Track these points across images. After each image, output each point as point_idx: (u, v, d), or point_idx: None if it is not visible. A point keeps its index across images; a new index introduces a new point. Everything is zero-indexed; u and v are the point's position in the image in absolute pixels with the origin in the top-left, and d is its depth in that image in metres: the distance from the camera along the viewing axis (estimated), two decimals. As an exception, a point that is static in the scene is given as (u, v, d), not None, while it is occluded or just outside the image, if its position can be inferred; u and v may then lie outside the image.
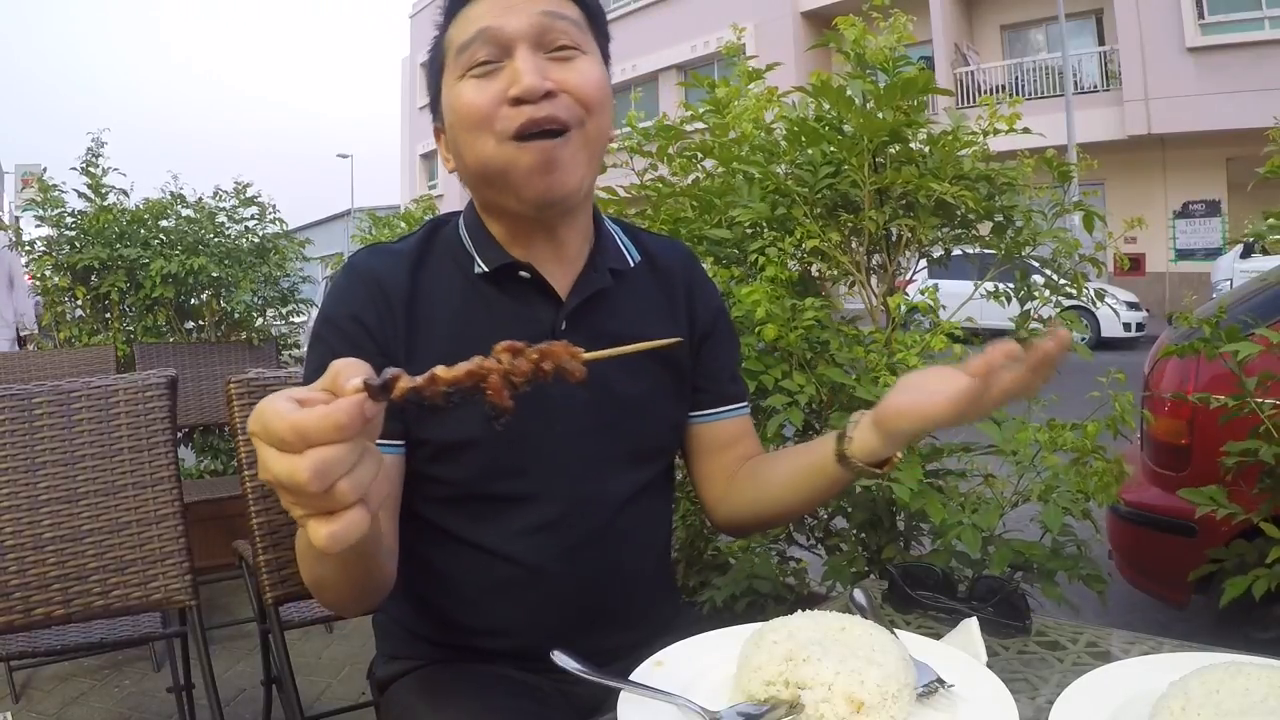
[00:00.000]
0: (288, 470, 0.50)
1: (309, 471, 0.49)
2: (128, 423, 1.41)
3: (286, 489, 0.51)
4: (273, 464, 0.51)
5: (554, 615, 0.98)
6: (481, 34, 0.88)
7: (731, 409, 1.10)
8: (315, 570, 0.82)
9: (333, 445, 0.50)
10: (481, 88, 0.89)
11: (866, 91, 1.80)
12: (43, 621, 1.33)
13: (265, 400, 0.52)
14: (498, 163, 0.89)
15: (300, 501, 0.52)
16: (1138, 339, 11.32)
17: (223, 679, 1.76)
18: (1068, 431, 1.64)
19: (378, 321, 0.92)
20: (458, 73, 0.91)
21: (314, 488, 0.50)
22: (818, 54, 12.37)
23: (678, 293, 1.08)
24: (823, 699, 0.65)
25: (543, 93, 0.87)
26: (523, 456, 0.95)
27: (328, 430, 0.50)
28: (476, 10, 0.91)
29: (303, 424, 0.49)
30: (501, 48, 0.88)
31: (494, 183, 0.92)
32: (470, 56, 0.89)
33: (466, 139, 0.91)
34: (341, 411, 0.50)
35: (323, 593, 0.86)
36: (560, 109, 0.88)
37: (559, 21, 0.90)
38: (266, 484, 0.53)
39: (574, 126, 0.90)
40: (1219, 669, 0.64)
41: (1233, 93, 13.26)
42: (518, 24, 0.88)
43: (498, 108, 0.88)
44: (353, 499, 0.52)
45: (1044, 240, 1.84)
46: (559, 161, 0.89)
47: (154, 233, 3.97)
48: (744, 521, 1.11)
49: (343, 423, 0.50)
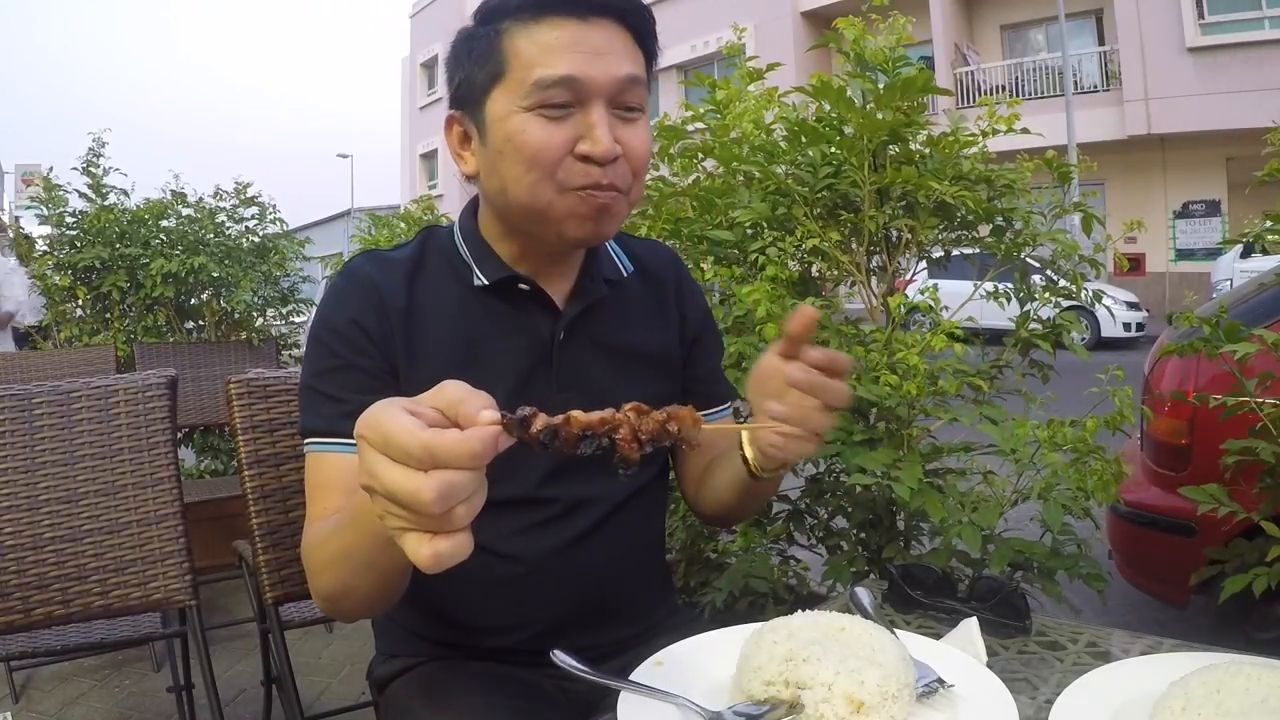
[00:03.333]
0: (411, 488, 0.50)
1: (434, 493, 0.50)
2: (128, 423, 1.41)
3: (402, 503, 0.51)
4: (389, 477, 0.51)
5: (552, 612, 0.99)
6: (566, 82, 0.86)
7: (718, 410, 1.12)
8: (348, 580, 0.79)
9: (460, 471, 0.51)
10: (551, 131, 0.87)
11: (866, 92, 1.80)
12: (43, 621, 1.33)
13: (382, 408, 0.53)
14: (553, 209, 0.89)
15: (409, 517, 0.52)
16: (1138, 339, 11.32)
17: (223, 679, 1.76)
18: (1067, 429, 1.65)
19: (377, 326, 0.92)
20: (524, 102, 0.87)
21: (436, 509, 0.51)
22: (818, 54, 12.37)
23: (668, 298, 1.09)
24: (823, 699, 0.65)
25: (613, 158, 0.87)
26: (521, 461, 0.95)
27: (461, 457, 0.51)
28: (555, 38, 0.87)
29: (436, 446, 0.50)
30: (579, 97, 0.87)
31: (535, 219, 0.91)
32: (546, 96, 0.86)
33: (517, 172, 0.88)
34: (477, 440, 0.51)
35: (342, 602, 0.83)
36: (619, 177, 0.89)
37: (636, 86, 0.90)
38: (368, 489, 0.54)
39: (623, 191, 0.91)
40: (1219, 669, 0.64)
41: (1233, 93, 13.26)
42: (603, 81, 0.87)
43: (564, 156, 0.87)
44: (465, 524, 0.53)
45: (1043, 241, 1.84)
46: (609, 213, 0.90)
47: (154, 232, 3.98)
48: (715, 517, 1.14)
49: (477, 451, 0.51)
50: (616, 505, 1.00)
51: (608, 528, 1.00)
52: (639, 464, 0.59)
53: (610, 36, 0.88)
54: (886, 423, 1.77)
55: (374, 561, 0.74)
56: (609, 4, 0.88)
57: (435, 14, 26.57)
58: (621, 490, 1.00)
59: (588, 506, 0.98)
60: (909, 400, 1.66)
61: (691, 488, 1.11)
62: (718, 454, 1.10)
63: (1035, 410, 1.79)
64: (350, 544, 0.74)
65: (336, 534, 0.77)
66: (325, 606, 0.87)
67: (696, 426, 0.62)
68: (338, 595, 0.83)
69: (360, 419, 0.54)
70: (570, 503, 0.97)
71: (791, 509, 1.97)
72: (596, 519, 0.99)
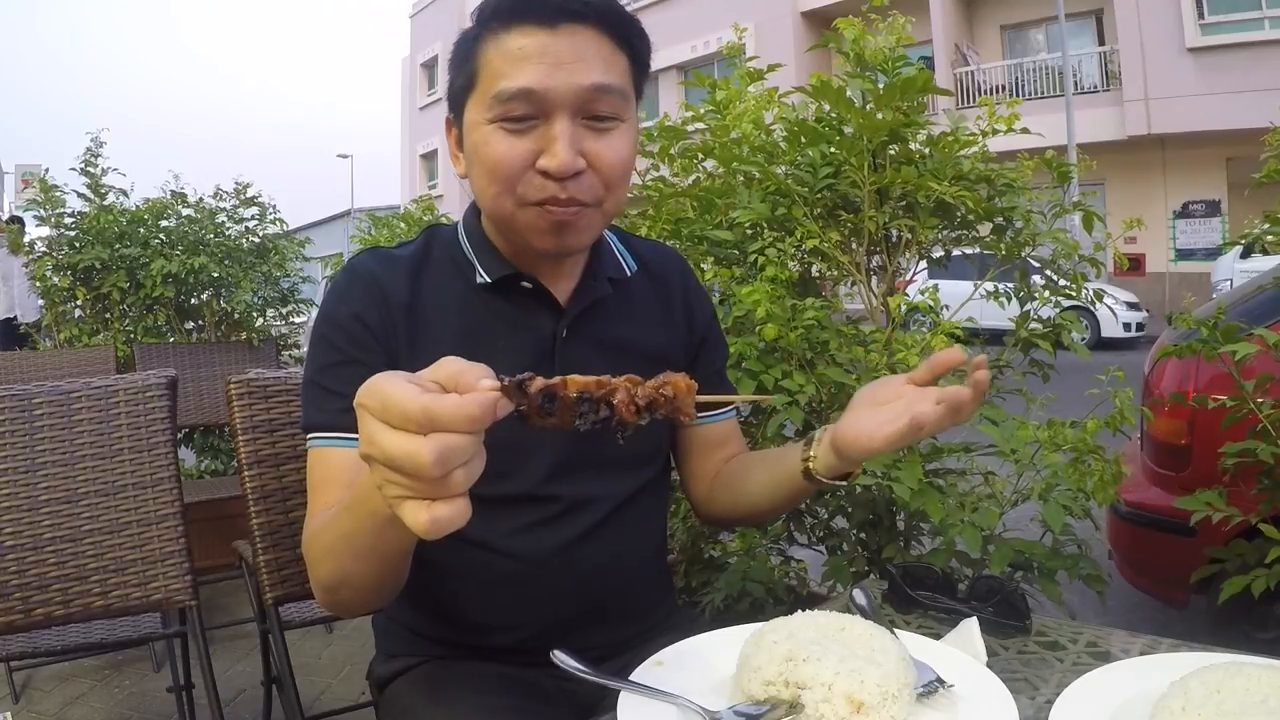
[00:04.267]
0: (409, 450, 0.51)
1: (433, 455, 0.50)
2: (128, 423, 1.41)
3: (399, 468, 0.52)
4: (388, 441, 0.52)
5: (553, 611, 0.99)
6: (524, 94, 0.85)
7: (721, 413, 1.11)
8: (347, 567, 0.79)
9: (458, 435, 0.51)
10: (512, 144, 0.86)
11: (866, 92, 1.80)
12: (43, 622, 1.33)
13: (381, 378, 0.53)
14: (514, 222, 0.90)
15: (407, 483, 0.53)
16: (1138, 339, 11.32)
17: (223, 679, 1.76)
18: (1067, 429, 1.65)
19: (380, 322, 0.93)
20: (488, 114, 0.87)
21: (435, 472, 0.51)
22: (818, 54, 12.37)
23: (674, 300, 1.09)
24: (823, 699, 0.65)
25: (572, 173, 0.86)
26: (521, 461, 0.95)
27: (459, 420, 0.51)
28: (520, 46, 0.86)
29: (435, 409, 0.51)
30: (541, 109, 0.86)
31: (503, 228, 0.94)
32: (507, 109, 0.86)
33: (482, 183, 0.90)
34: (475, 404, 0.51)
35: (341, 591, 0.83)
36: (583, 190, 0.88)
37: (605, 95, 0.87)
38: (367, 458, 0.54)
39: (591, 205, 0.90)
40: (1219, 669, 0.64)
41: (1233, 93, 13.25)
42: (563, 92, 0.85)
43: (524, 170, 0.87)
44: (463, 489, 0.53)
45: (1044, 241, 1.84)
46: (572, 227, 0.90)
47: (154, 232, 3.97)
48: (725, 519, 1.14)
49: (475, 415, 0.51)
50: (618, 505, 1.00)
51: (609, 527, 1.00)
52: (640, 425, 0.60)
53: (580, 45, 0.86)
54: (886, 423, 1.76)
55: (373, 546, 0.74)
56: (577, 10, 0.86)
57: (435, 14, 26.58)
58: (623, 490, 1.01)
59: (589, 505, 0.98)
60: (909, 400, 1.66)
61: (702, 487, 1.11)
62: (743, 455, 1.11)
63: (1035, 410, 1.79)
64: (350, 528, 0.74)
65: (337, 519, 0.77)
66: (325, 599, 0.86)
67: (690, 394, 0.62)
68: (336, 584, 0.82)
69: (360, 389, 0.54)
70: (572, 501, 0.97)
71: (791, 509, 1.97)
72: (598, 518, 0.99)
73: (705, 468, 1.11)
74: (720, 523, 1.18)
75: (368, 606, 0.88)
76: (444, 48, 0.99)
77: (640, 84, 0.96)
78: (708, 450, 1.11)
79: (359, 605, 0.87)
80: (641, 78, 0.95)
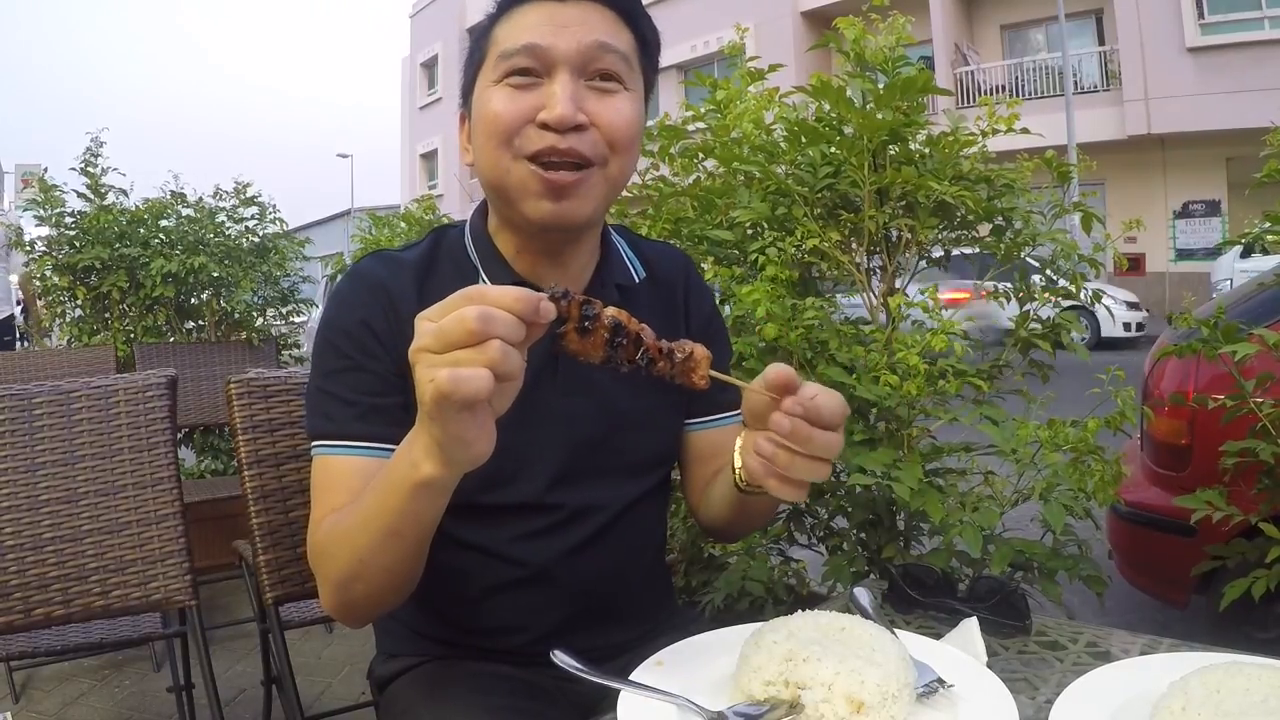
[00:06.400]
0: (457, 315, 0.58)
1: (476, 312, 0.57)
2: (128, 423, 1.41)
3: (445, 334, 0.58)
4: (442, 319, 0.59)
5: (555, 615, 0.99)
6: (527, 49, 0.86)
7: (724, 416, 1.09)
8: (364, 556, 0.77)
9: (501, 312, 0.58)
10: (513, 99, 0.87)
11: (866, 92, 1.80)
12: (43, 621, 1.33)
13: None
14: (509, 179, 0.89)
15: (444, 350, 0.58)
16: (1138, 339, 11.32)
17: (223, 679, 1.76)
18: (1068, 429, 1.64)
19: (386, 328, 0.92)
20: (494, 76, 0.89)
21: (474, 325, 0.57)
22: (818, 54, 12.37)
23: (677, 302, 1.09)
24: (823, 699, 0.65)
25: (573, 125, 0.86)
26: (525, 468, 0.95)
27: (506, 300, 0.59)
28: (529, 18, 0.88)
29: (485, 289, 0.59)
30: (544, 65, 0.87)
31: (501, 196, 0.92)
32: (510, 65, 0.87)
33: (485, 146, 0.90)
34: (523, 291, 0.60)
35: (355, 585, 0.81)
36: (585, 145, 0.87)
37: (608, 54, 0.88)
38: (414, 353, 0.61)
39: (596, 164, 0.89)
40: (1219, 669, 0.64)
41: (1233, 93, 13.26)
42: (565, 47, 0.86)
43: (523, 125, 0.87)
44: (492, 361, 0.58)
45: (1043, 241, 1.84)
46: (571, 191, 0.88)
47: (154, 232, 3.97)
48: (712, 531, 1.11)
49: (521, 296, 0.59)
50: (620, 512, 1.00)
51: (611, 534, 0.99)
52: (661, 353, 0.69)
53: (586, 13, 0.89)
54: (886, 423, 1.77)
55: (396, 528, 0.74)
56: None
57: (435, 14, 26.54)
58: (625, 497, 1.01)
59: (592, 513, 0.98)
60: (909, 400, 1.66)
61: (696, 495, 1.10)
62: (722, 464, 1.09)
63: (1035, 410, 1.79)
64: (373, 507, 0.75)
65: (358, 504, 0.78)
66: (335, 599, 0.85)
67: (705, 362, 0.70)
68: (349, 578, 0.81)
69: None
70: (575, 509, 0.97)
71: (791, 509, 1.97)
72: (600, 525, 0.99)
73: (701, 475, 1.09)
74: (711, 533, 1.16)
75: (379, 605, 0.87)
76: (444, 48, 1.00)
77: (647, 70, 0.96)
78: (710, 457, 1.08)
79: (370, 603, 0.86)
80: (649, 62, 0.96)
